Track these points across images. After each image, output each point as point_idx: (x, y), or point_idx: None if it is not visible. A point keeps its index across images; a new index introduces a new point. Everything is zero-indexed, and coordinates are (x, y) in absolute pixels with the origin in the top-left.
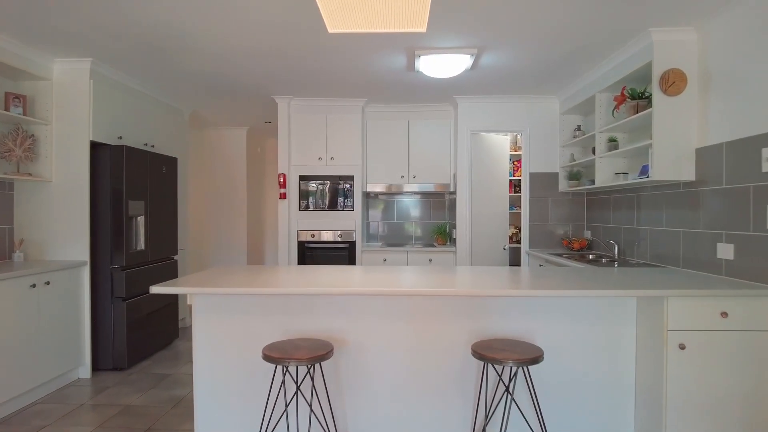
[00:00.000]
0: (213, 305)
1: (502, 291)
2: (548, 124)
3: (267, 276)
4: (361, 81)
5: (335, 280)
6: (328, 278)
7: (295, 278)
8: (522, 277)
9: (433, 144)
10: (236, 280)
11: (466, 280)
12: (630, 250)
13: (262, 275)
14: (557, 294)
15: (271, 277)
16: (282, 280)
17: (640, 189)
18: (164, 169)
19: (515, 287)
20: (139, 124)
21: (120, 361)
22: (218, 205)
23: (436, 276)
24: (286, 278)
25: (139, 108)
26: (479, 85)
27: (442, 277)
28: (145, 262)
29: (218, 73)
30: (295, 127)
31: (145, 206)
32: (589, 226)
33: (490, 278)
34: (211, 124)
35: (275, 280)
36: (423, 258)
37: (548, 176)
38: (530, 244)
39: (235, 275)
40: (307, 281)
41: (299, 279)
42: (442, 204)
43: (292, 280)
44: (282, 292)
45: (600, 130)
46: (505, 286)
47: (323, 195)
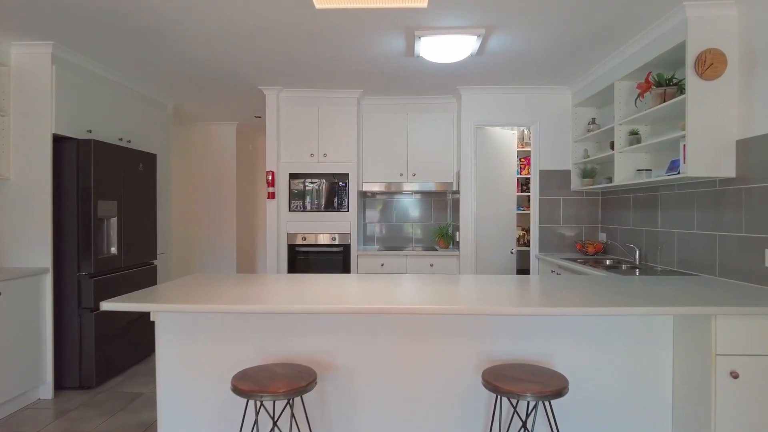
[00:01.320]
0: (180, 323)
1: (517, 309)
2: (559, 118)
3: (246, 287)
4: (356, 69)
5: (322, 293)
6: (316, 290)
7: (278, 290)
8: (536, 288)
9: (435, 139)
10: (208, 292)
11: (472, 293)
12: (653, 255)
13: (241, 286)
14: (583, 312)
15: (250, 289)
16: (262, 292)
17: (666, 187)
18: (141, 166)
19: (531, 304)
20: (113, 117)
21: (88, 379)
22: (206, 206)
23: (438, 287)
24: (267, 290)
25: (113, 99)
26: (485, 74)
27: (445, 289)
28: (118, 269)
29: (198, 61)
30: (285, 120)
31: (118, 207)
32: (604, 228)
33: (500, 290)
34: (198, 119)
35: (253, 293)
36: (424, 263)
37: (559, 174)
38: (540, 248)
39: (210, 286)
40: (290, 294)
41: (282, 291)
42: (443, 204)
43: (274, 293)
44: (254, 310)
45: (620, 122)
46: (518, 301)
47: (315, 194)
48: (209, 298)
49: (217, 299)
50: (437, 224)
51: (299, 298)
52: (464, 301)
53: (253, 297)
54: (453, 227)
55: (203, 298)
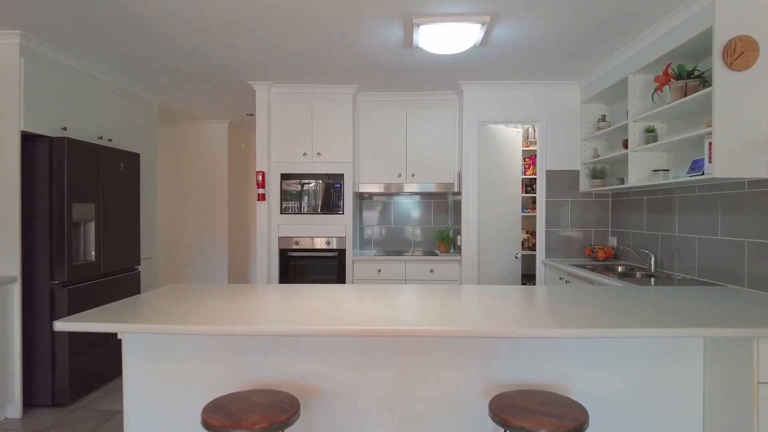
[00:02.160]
0: (150, 343)
1: (530, 331)
2: (567, 115)
3: (225, 301)
4: (351, 62)
5: (310, 310)
6: (303, 305)
7: (260, 305)
8: (547, 303)
9: (435, 138)
10: (183, 308)
11: (476, 308)
12: (669, 262)
13: (220, 300)
14: (605, 335)
15: (230, 304)
16: (242, 308)
17: (684, 189)
18: (122, 166)
19: (544, 323)
20: (91, 115)
21: (60, 396)
22: (197, 208)
23: (439, 301)
24: (248, 306)
25: (92, 96)
26: (488, 68)
27: (446, 303)
28: (96, 276)
29: (183, 54)
30: (276, 117)
31: (96, 209)
32: (614, 231)
33: (507, 306)
34: (188, 118)
35: (233, 310)
36: (423, 268)
37: (567, 174)
38: (546, 253)
39: (185, 300)
40: (274, 310)
41: (265, 307)
42: (444, 206)
43: (255, 310)
44: (229, 331)
45: (634, 118)
46: (529, 321)
47: (309, 196)
48: (183, 315)
49: (191, 317)
50: (437, 227)
51: (283, 315)
52: (468, 318)
53: (232, 314)
54: (454, 230)
55: (176, 315)
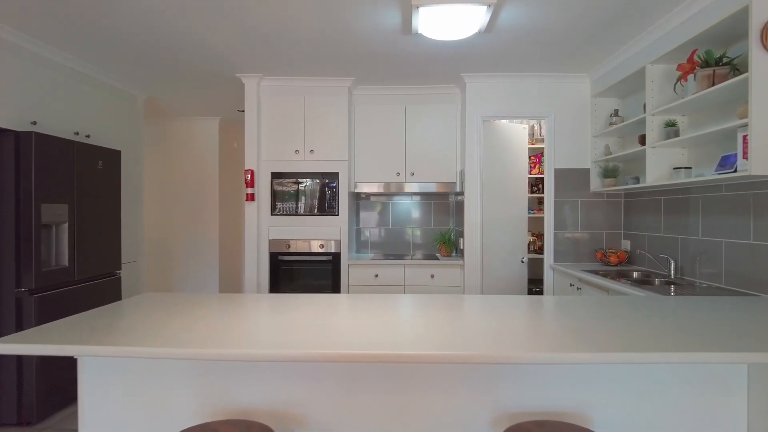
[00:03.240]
0: (109, 365)
1: (547, 355)
2: (577, 110)
3: (198, 315)
4: (346, 51)
5: (293, 326)
6: (286, 321)
7: (237, 320)
8: (563, 318)
9: (436, 134)
10: (149, 322)
11: (483, 324)
12: (690, 268)
13: (193, 313)
14: (635, 360)
15: (203, 319)
16: (216, 324)
17: (709, 188)
18: (101, 164)
19: (562, 345)
20: (66, 109)
21: (27, 414)
22: (186, 209)
23: (440, 315)
24: (223, 320)
25: (68, 88)
26: (493, 59)
27: (449, 318)
28: (70, 283)
29: (165, 42)
30: (267, 112)
31: (70, 211)
32: (627, 234)
33: (518, 321)
34: (176, 114)
35: (204, 326)
36: (423, 273)
37: (577, 173)
38: (555, 257)
39: (154, 314)
40: (252, 326)
41: (242, 322)
42: (445, 207)
43: (230, 326)
44: (194, 355)
45: (653, 111)
46: (545, 341)
47: (301, 196)
48: (147, 332)
49: (157, 335)
50: (438, 229)
51: (262, 333)
52: (474, 338)
53: (204, 332)
54: (457, 233)
55: (140, 333)
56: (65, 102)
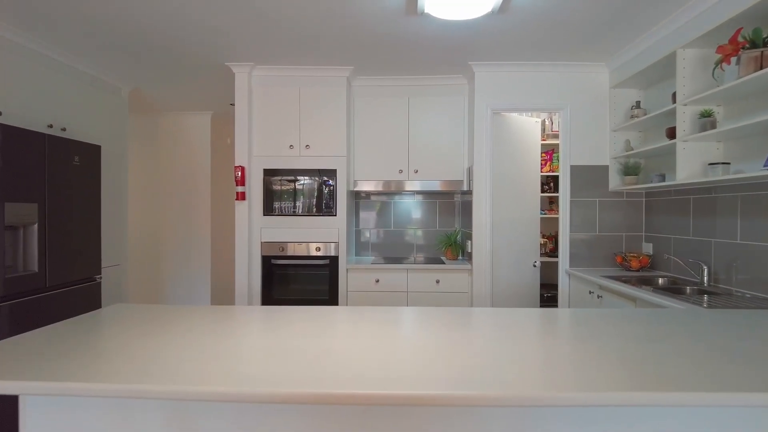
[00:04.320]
0: (58, 402)
1: (594, 396)
2: (594, 102)
3: (168, 334)
4: (344, 34)
5: (277, 349)
6: (269, 342)
7: (212, 341)
8: (597, 337)
9: (442, 129)
10: (108, 345)
11: (502, 348)
12: (725, 275)
13: (162, 333)
14: (707, 401)
15: (171, 339)
16: (183, 347)
17: (750, 187)
18: (77, 159)
19: (611, 381)
20: (39, 99)
21: None
22: (176, 208)
23: (448, 335)
24: (194, 342)
25: (41, 77)
26: (504, 46)
27: (460, 341)
28: (40, 290)
29: (147, 27)
30: (259, 104)
31: (40, 210)
32: (649, 237)
33: (544, 342)
34: (166, 108)
35: (171, 352)
36: (428, 279)
37: (594, 170)
38: (571, 261)
39: (116, 338)
40: (226, 352)
41: (218, 343)
42: (451, 207)
43: (201, 349)
44: (136, 392)
45: (685, 101)
46: (585, 375)
47: (296, 195)
48: (104, 360)
49: (115, 364)
50: (444, 231)
51: (242, 361)
52: (495, 369)
53: (174, 359)
54: (464, 234)
55: (94, 360)
56: (37, 91)
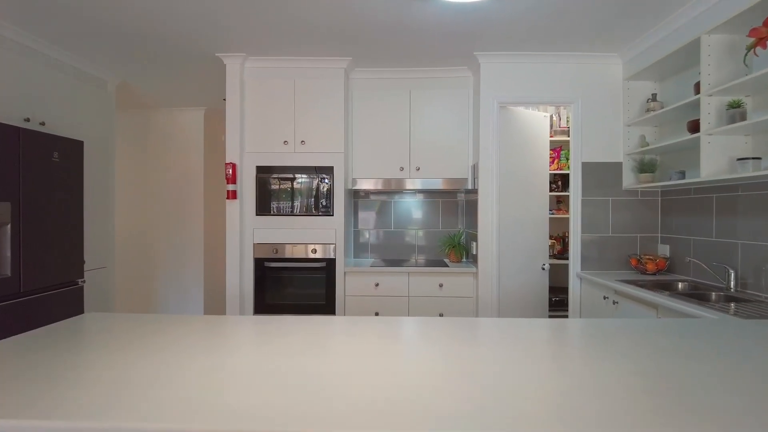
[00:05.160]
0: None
1: None
2: (607, 95)
3: (147, 351)
4: (342, 23)
5: (266, 373)
6: (260, 361)
7: (198, 356)
8: (632, 354)
9: (445, 123)
10: (62, 372)
11: (529, 373)
12: (755, 280)
13: (141, 347)
14: None
15: (151, 357)
16: (161, 369)
17: None
18: (56, 155)
19: (691, 426)
20: (13, 91)
21: None
22: (168, 208)
23: (463, 356)
24: (178, 359)
25: (16, 67)
26: (512, 34)
27: (475, 362)
28: (14, 295)
29: (130, 14)
30: (251, 98)
31: (12, 210)
32: (666, 238)
33: (579, 367)
34: (156, 103)
35: (144, 372)
36: (431, 283)
37: (607, 168)
38: (582, 264)
39: (81, 354)
40: (208, 373)
41: (203, 361)
42: (454, 206)
43: (178, 373)
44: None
45: (710, 91)
46: (651, 419)
47: (291, 194)
48: (57, 384)
49: (68, 394)
50: (447, 231)
51: (218, 389)
52: (506, 400)
53: (139, 385)
54: (468, 235)
55: (46, 384)
56: (12, 83)
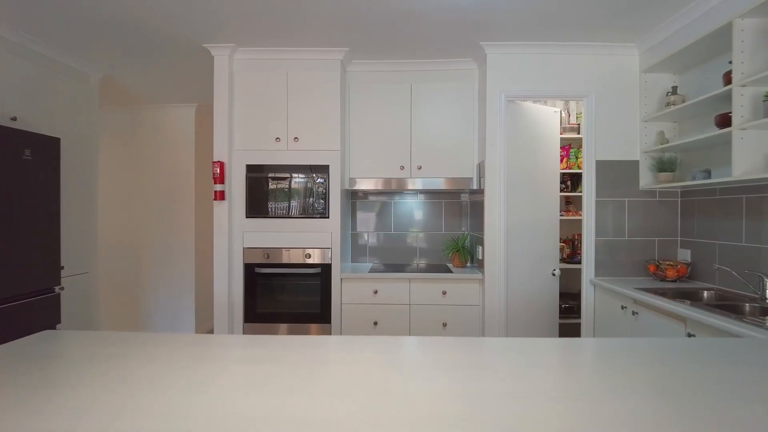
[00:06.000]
0: None
1: None
2: (622, 88)
3: (107, 381)
4: (338, 8)
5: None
6: (241, 395)
7: (166, 388)
8: (684, 392)
9: (449, 119)
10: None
11: (541, 419)
12: None
13: (103, 375)
14: None
15: (111, 390)
16: (117, 408)
17: None
18: (28, 153)
19: None
20: None
21: None
22: (157, 209)
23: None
24: (142, 391)
25: None
26: (521, 23)
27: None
28: None
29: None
30: (241, 91)
31: None
32: (686, 242)
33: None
34: (145, 100)
35: (99, 411)
36: (434, 290)
37: (622, 166)
38: (596, 270)
39: (26, 388)
40: (174, 413)
41: (171, 395)
42: (458, 208)
43: (141, 411)
44: None
45: (743, 81)
46: None
47: (283, 195)
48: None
49: None
50: (450, 234)
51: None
52: None
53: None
54: (472, 239)
55: None
56: None
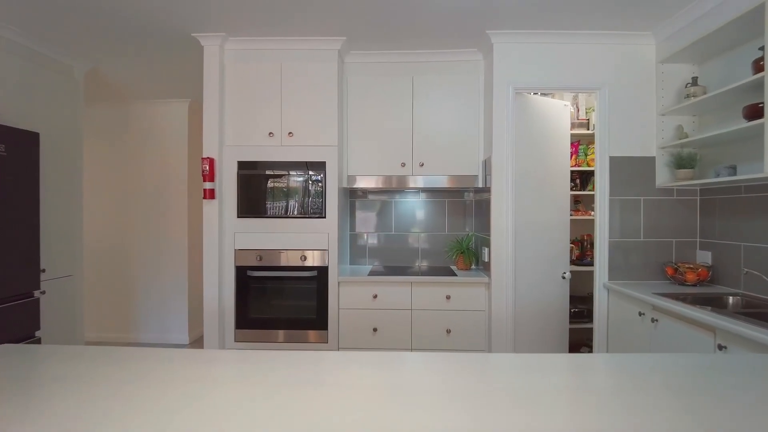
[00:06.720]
0: None
1: None
2: (638, 80)
3: (58, 410)
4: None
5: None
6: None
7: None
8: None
9: (453, 113)
10: None
11: None
12: None
13: (47, 400)
14: None
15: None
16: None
17: None
18: (3, 149)
19: None
20: None
21: None
22: (148, 209)
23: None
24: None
25: None
26: (530, 9)
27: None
28: None
29: None
30: (232, 84)
31: None
32: (706, 243)
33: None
34: (136, 96)
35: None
36: (437, 294)
37: (638, 163)
38: (610, 273)
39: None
40: None
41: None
42: (462, 207)
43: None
44: None
45: None
46: None
47: (277, 193)
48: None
49: None
50: (454, 235)
51: None
52: None
53: None
54: (477, 240)
55: None
56: None
